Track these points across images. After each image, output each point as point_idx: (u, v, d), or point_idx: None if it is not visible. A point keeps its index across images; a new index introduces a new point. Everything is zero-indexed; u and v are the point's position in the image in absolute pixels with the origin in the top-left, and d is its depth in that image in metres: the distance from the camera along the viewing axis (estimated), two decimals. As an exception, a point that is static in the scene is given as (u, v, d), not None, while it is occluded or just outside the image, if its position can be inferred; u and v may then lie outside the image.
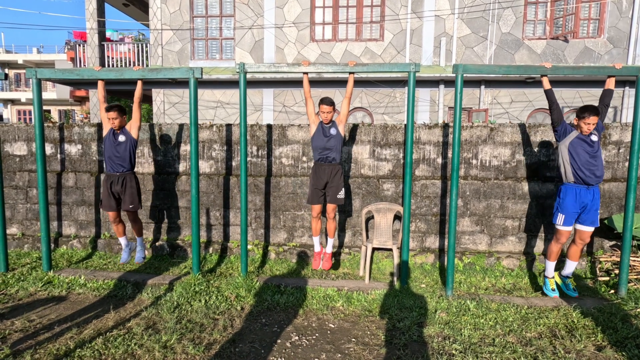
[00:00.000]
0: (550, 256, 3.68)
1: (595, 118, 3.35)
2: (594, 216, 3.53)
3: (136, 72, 4.04)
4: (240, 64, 3.91)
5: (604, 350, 2.75)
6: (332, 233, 4.08)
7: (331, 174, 3.88)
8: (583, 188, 3.48)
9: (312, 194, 3.95)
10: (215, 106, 11.48)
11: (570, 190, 3.52)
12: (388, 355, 2.71)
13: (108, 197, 4.08)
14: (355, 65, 3.84)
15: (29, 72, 4.14)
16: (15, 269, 4.32)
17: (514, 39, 10.39)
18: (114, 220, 4.19)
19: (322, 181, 3.90)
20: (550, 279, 3.69)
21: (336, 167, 3.90)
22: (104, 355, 2.63)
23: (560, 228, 3.59)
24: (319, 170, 3.90)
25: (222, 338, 2.90)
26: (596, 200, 3.50)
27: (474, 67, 3.76)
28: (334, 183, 3.89)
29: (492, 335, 2.95)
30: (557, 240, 3.63)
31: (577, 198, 3.49)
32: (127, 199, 4.07)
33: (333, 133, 3.85)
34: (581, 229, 3.59)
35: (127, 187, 4.06)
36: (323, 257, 4.13)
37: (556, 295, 3.62)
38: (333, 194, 3.90)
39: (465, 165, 4.68)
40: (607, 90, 3.65)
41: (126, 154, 4.04)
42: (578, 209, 3.52)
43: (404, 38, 10.66)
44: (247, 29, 11.05)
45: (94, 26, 11.74)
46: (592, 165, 3.41)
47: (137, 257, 4.35)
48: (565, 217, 3.54)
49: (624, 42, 10.12)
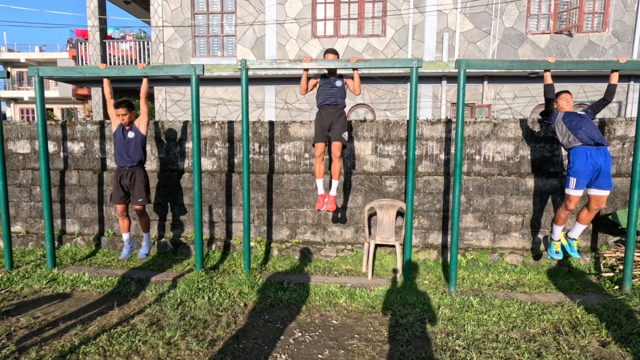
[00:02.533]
0: (557, 221, 3.69)
1: (568, 94, 3.76)
2: (609, 179, 3.51)
3: (138, 69, 4.03)
4: (242, 61, 3.90)
5: (609, 346, 2.74)
6: (336, 175, 4.09)
7: (335, 114, 3.97)
8: (593, 149, 3.47)
9: (317, 132, 4.03)
10: (217, 103, 11.48)
11: (580, 151, 3.50)
12: (391, 351, 2.71)
13: (117, 190, 4.10)
14: (357, 61, 3.82)
15: (31, 70, 4.15)
16: (20, 267, 4.35)
17: (517, 34, 10.30)
18: (121, 213, 4.19)
19: (326, 122, 3.98)
20: (555, 242, 3.68)
21: (340, 109, 4.00)
22: (108, 352, 2.65)
23: (571, 193, 3.55)
24: (324, 112, 3.99)
25: (225, 334, 2.91)
26: (608, 162, 3.49)
27: (477, 62, 3.72)
28: (339, 122, 3.96)
29: (496, 331, 2.94)
30: (566, 206, 3.61)
31: (589, 159, 3.47)
32: (135, 193, 4.08)
33: (338, 85, 3.98)
34: (597, 193, 3.54)
35: (136, 182, 4.07)
36: (327, 199, 4.12)
37: (559, 257, 3.64)
38: (338, 132, 3.96)
39: (468, 161, 4.66)
40: (610, 85, 3.67)
41: (136, 150, 4.06)
42: (590, 171, 3.48)
43: (406, 34, 10.60)
44: (248, 25, 11.01)
45: (95, 24, 11.73)
46: (590, 130, 3.51)
47: (140, 252, 4.34)
48: (577, 180, 3.49)
49: (628, 36, 10.01)
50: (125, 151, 4.03)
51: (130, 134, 4.05)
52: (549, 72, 3.70)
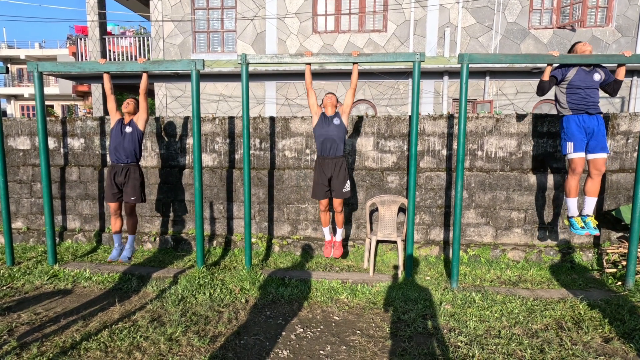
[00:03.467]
0: (569, 192, 3.60)
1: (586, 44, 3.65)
2: (603, 142, 3.49)
3: (138, 64, 4.00)
4: (242, 55, 3.87)
5: (611, 342, 2.73)
6: (340, 224, 4.14)
7: (335, 167, 3.83)
8: (585, 115, 3.51)
9: (317, 189, 3.92)
10: (218, 99, 11.44)
11: (572, 118, 3.55)
12: (393, 347, 2.70)
13: (110, 187, 4.05)
14: (358, 55, 3.78)
15: (30, 66, 4.12)
16: (21, 263, 4.35)
17: (520, 29, 10.22)
18: (114, 212, 4.14)
19: (325, 176, 3.86)
20: (576, 218, 3.60)
21: (340, 160, 3.86)
22: (109, 348, 2.64)
23: (572, 156, 3.54)
24: (323, 164, 3.86)
25: (227, 330, 2.90)
26: (601, 126, 3.50)
27: (479, 57, 3.69)
28: (339, 178, 3.84)
29: (498, 327, 2.93)
30: (573, 171, 3.56)
31: (581, 123, 3.50)
32: (129, 191, 4.02)
33: (336, 123, 3.83)
34: (593, 157, 3.53)
35: (130, 179, 4.02)
36: (334, 245, 4.17)
37: (587, 232, 3.56)
38: (339, 189, 3.87)
39: (470, 156, 4.63)
40: (616, 80, 3.61)
41: (132, 146, 4.02)
42: (584, 134, 3.50)
43: (407, 29, 10.52)
44: (249, 20, 10.94)
45: (95, 19, 11.68)
46: (589, 97, 3.49)
47: (122, 256, 4.17)
48: (574, 143, 3.50)
49: (632, 30, 9.93)
50: (121, 146, 3.99)
51: (128, 129, 4.03)
52: (550, 67, 3.65)
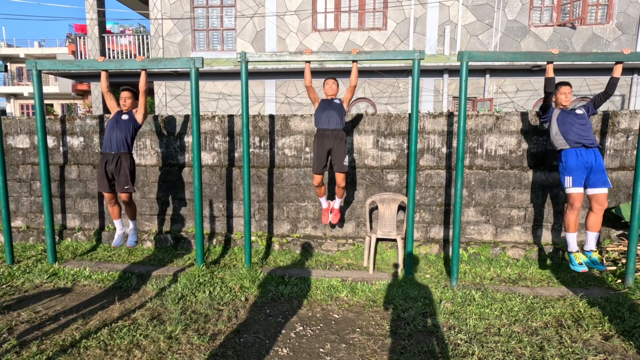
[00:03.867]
0: (568, 227, 3.55)
1: (567, 87, 3.64)
2: (603, 176, 3.47)
3: (137, 62, 3.99)
4: (242, 53, 3.85)
5: (611, 340, 2.73)
6: (340, 195, 4.16)
7: (335, 139, 3.85)
8: (582, 149, 3.50)
9: (316, 161, 3.94)
10: (217, 98, 11.42)
11: (570, 152, 3.54)
12: (393, 345, 2.71)
13: (102, 177, 4.03)
14: (358, 53, 3.77)
15: (28, 64, 4.11)
16: (21, 262, 4.35)
17: (520, 26, 10.20)
18: (110, 201, 4.14)
19: (324, 149, 3.87)
20: (575, 254, 3.54)
21: (340, 132, 3.88)
22: (109, 346, 2.64)
23: (570, 191, 3.50)
24: (322, 137, 3.88)
25: (226, 328, 2.90)
26: (599, 160, 3.49)
27: (479, 54, 3.68)
28: (339, 149, 3.84)
29: (498, 325, 2.93)
30: (571, 206, 3.52)
31: (579, 157, 3.49)
32: (121, 180, 4.00)
33: (336, 103, 3.94)
34: (594, 192, 3.49)
35: (122, 168, 3.99)
36: (332, 211, 4.17)
37: (585, 269, 3.47)
38: (339, 160, 3.85)
39: (470, 154, 4.62)
40: (613, 78, 3.61)
41: (124, 133, 3.98)
42: (583, 169, 3.48)
43: (407, 27, 10.50)
44: (248, 17, 10.92)
45: (94, 17, 11.64)
46: (582, 132, 3.49)
47: (129, 241, 4.26)
48: (572, 178, 3.47)
49: (633, 28, 9.90)
50: (114, 133, 3.97)
51: (125, 116, 4.05)
52: (552, 65, 3.64)
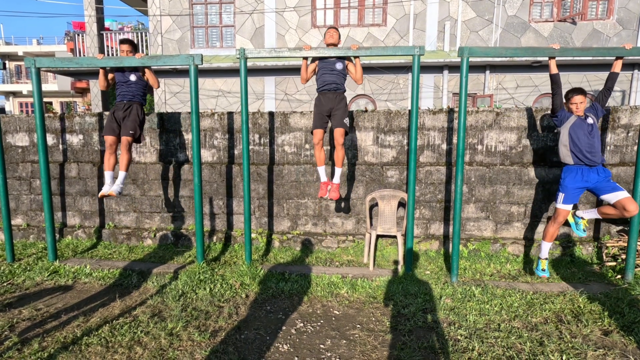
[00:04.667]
0: (546, 236, 3.63)
1: (580, 97, 3.42)
2: (610, 184, 3.41)
3: (135, 59, 3.98)
4: (241, 49, 3.84)
5: (611, 335, 2.74)
6: (339, 162, 3.96)
7: (336, 99, 3.84)
8: (585, 168, 3.47)
9: (316, 118, 3.89)
10: (217, 95, 11.39)
11: (570, 171, 3.51)
12: (393, 341, 2.71)
13: (110, 121, 4.09)
14: (358, 49, 3.75)
15: (27, 61, 4.09)
16: (22, 259, 4.35)
17: (520, 22, 10.16)
18: (110, 147, 4.11)
19: (326, 107, 3.84)
20: (543, 260, 3.64)
21: (341, 94, 3.87)
22: (110, 343, 2.65)
23: (559, 207, 3.56)
24: (323, 98, 3.86)
25: (227, 325, 2.91)
26: (602, 176, 3.44)
27: (479, 50, 3.66)
28: (339, 108, 3.82)
29: (498, 321, 2.94)
30: (555, 219, 3.58)
31: (578, 177, 3.47)
32: (128, 124, 4.06)
33: (338, 67, 3.83)
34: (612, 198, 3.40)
35: (131, 114, 4.09)
36: (330, 187, 3.97)
37: (545, 275, 3.60)
38: (339, 118, 3.82)
39: (470, 151, 4.61)
40: (612, 73, 3.56)
41: (136, 90, 4.12)
42: (580, 187, 3.48)
43: (407, 23, 10.45)
44: (247, 14, 10.87)
45: (93, 14, 11.59)
46: (591, 148, 3.42)
47: (114, 189, 4.06)
48: (565, 195, 3.52)
49: (633, 23, 9.86)
50: (126, 88, 4.09)
51: (133, 77, 4.11)
52: (554, 60, 3.60)
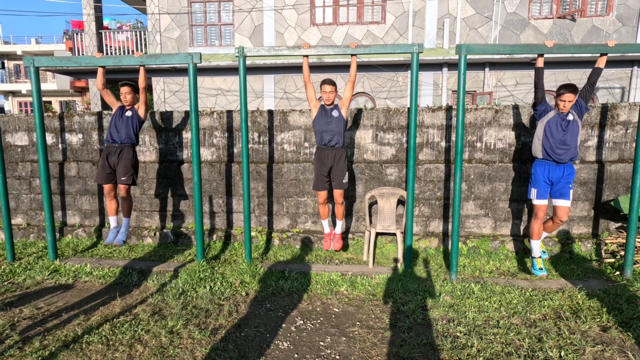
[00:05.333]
0: (532, 234, 3.70)
1: (571, 95, 3.41)
2: (564, 189, 3.53)
3: (134, 58, 3.98)
4: (240, 48, 3.84)
5: (609, 331, 2.75)
6: (340, 216, 4.14)
7: (335, 158, 3.87)
8: (552, 164, 3.55)
9: (317, 180, 3.96)
10: (216, 94, 11.38)
11: (539, 165, 3.61)
12: (393, 338, 2.73)
13: (103, 168, 4.03)
14: (357, 46, 3.75)
15: (26, 61, 4.09)
16: (22, 259, 4.36)
17: (520, 19, 10.14)
18: (109, 194, 4.13)
19: (326, 167, 3.89)
20: (537, 259, 3.70)
21: (339, 151, 3.89)
22: (111, 341, 2.66)
23: (535, 202, 3.64)
24: (322, 155, 3.89)
25: (227, 323, 2.93)
26: (567, 176, 3.53)
27: (478, 47, 3.66)
28: (338, 168, 3.88)
29: (497, 318, 2.95)
30: (535, 215, 3.65)
31: (546, 173, 3.57)
32: (120, 170, 3.99)
33: (335, 115, 3.83)
34: (555, 203, 3.61)
35: (123, 159, 4.01)
36: (333, 237, 4.18)
37: (544, 274, 3.66)
38: (339, 179, 3.90)
39: (469, 148, 4.62)
40: (596, 68, 3.61)
41: (129, 128, 4.03)
42: (548, 183, 3.58)
43: (406, 20, 10.44)
44: (246, 12, 10.84)
45: (91, 13, 11.57)
46: (563, 145, 3.47)
47: (117, 239, 4.17)
48: (537, 190, 3.61)
49: (633, 19, 9.85)
50: (117, 127, 4.01)
51: (128, 113, 4.06)
52: (542, 57, 3.62)
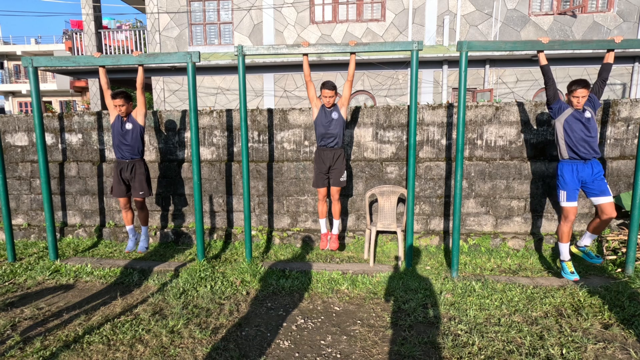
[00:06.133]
0: (562, 238, 3.55)
1: (584, 90, 3.35)
2: (602, 186, 3.44)
3: (133, 57, 3.96)
4: (239, 46, 3.82)
5: (611, 328, 2.74)
6: (337, 215, 4.16)
7: (334, 157, 3.96)
8: (580, 163, 3.47)
9: (317, 178, 4.05)
10: (216, 93, 11.36)
11: (567, 166, 3.51)
12: (394, 336, 2.72)
13: (118, 183, 4.13)
14: (356, 44, 3.74)
15: (24, 61, 4.08)
16: (23, 259, 4.37)
17: (520, 16, 10.10)
18: (124, 206, 4.25)
19: (325, 166, 3.98)
20: (567, 262, 3.53)
21: (338, 151, 3.97)
22: (112, 341, 2.66)
23: (564, 205, 3.53)
24: (322, 155, 3.98)
25: (228, 322, 2.92)
26: (597, 173, 3.46)
27: (478, 44, 3.64)
28: (337, 167, 3.98)
29: (498, 315, 2.94)
30: (566, 218, 3.54)
31: (575, 173, 3.48)
32: (136, 186, 4.12)
33: (335, 117, 3.88)
34: (597, 201, 3.46)
35: (137, 174, 4.10)
36: (330, 238, 4.20)
37: (576, 277, 3.46)
38: (336, 177, 4.00)
39: (470, 145, 4.60)
40: (606, 64, 3.55)
41: (135, 142, 4.04)
42: (578, 184, 3.50)
43: (406, 17, 10.40)
44: (245, 10, 10.81)
45: (90, 12, 11.54)
46: (586, 142, 3.41)
47: (140, 246, 4.41)
48: (567, 193, 3.50)
49: (634, 15, 9.80)
50: (124, 143, 4.03)
51: (128, 125, 4.03)
52: (543, 53, 3.59)
